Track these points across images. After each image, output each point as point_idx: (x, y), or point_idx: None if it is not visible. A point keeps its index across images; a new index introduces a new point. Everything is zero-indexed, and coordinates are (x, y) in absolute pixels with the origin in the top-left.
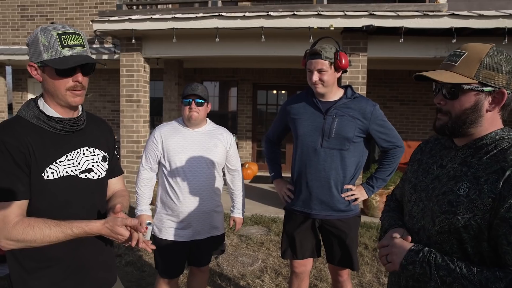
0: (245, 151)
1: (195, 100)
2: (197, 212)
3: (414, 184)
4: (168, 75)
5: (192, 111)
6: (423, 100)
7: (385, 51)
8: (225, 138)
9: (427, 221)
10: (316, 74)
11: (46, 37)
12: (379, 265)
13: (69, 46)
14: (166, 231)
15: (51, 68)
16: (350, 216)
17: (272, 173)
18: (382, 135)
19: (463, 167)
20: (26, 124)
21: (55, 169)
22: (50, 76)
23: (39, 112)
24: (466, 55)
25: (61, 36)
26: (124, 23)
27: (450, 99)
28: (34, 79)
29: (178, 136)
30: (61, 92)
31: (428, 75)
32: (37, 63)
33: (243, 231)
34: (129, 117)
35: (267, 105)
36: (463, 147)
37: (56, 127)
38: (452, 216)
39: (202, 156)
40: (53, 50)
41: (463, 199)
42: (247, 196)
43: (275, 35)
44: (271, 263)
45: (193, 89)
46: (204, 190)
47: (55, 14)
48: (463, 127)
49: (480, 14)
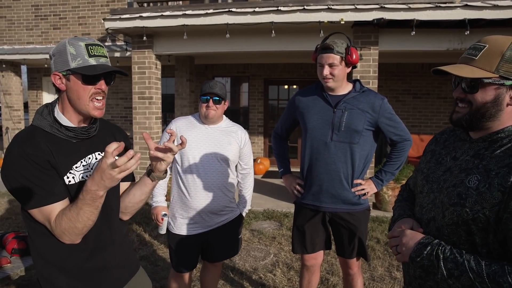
0: (257, 146)
1: (213, 98)
2: (209, 208)
3: (426, 175)
4: (180, 71)
5: (210, 109)
6: (436, 94)
7: (396, 44)
8: (239, 136)
9: (437, 213)
10: (327, 68)
11: (74, 47)
12: (391, 259)
13: (96, 56)
14: (179, 226)
15: (77, 75)
16: (360, 209)
17: (281, 168)
18: (391, 128)
19: (475, 160)
20: (42, 133)
21: (74, 174)
22: (75, 84)
23: (53, 121)
24: (486, 48)
25: (89, 46)
26: (135, 20)
27: (470, 93)
28: (49, 77)
29: (193, 130)
30: (84, 102)
31: (447, 69)
32: (62, 72)
33: (255, 226)
34: (141, 114)
35: (279, 100)
36: (478, 140)
37: (68, 135)
38: (460, 209)
39: (215, 152)
40: (81, 59)
41: (472, 191)
42: (260, 191)
43: (285, 30)
44: (283, 257)
45: (212, 87)
46: (216, 187)
47: (67, 13)
48: (481, 120)
49: (494, 5)
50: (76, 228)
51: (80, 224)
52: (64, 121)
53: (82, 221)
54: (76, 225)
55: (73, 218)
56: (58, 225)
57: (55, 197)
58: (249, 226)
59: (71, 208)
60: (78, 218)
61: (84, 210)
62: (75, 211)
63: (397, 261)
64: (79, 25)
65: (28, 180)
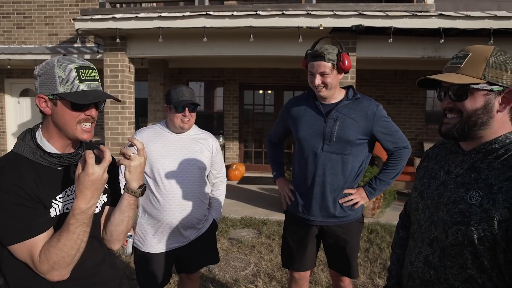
0: (232, 151)
1: (189, 106)
2: (185, 221)
3: (420, 191)
4: (153, 75)
5: (186, 119)
6: (408, 100)
7: (373, 51)
8: (210, 143)
9: (440, 232)
10: (318, 77)
11: (63, 70)
12: (373, 266)
13: (86, 80)
14: (150, 243)
15: (65, 101)
16: (351, 220)
17: (274, 172)
18: (387, 137)
19: (472, 173)
20: (24, 161)
21: (56, 206)
22: (62, 109)
23: (36, 147)
24: (470, 56)
25: (79, 69)
26: (108, 21)
27: (458, 101)
28: (12, 79)
29: (160, 140)
30: (71, 127)
31: (434, 77)
32: (48, 95)
33: (234, 234)
34: (113, 119)
35: (254, 105)
36: (471, 152)
37: (53, 162)
38: (465, 228)
39: (188, 162)
40: (70, 84)
41: (475, 208)
42: (236, 198)
43: (263, 34)
44: (263, 267)
45: (185, 94)
46: (192, 198)
47: (33, 11)
48: (473, 129)
49: (467, 15)
50: (68, 257)
51: (74, 250)
52: (48, 147)
53: (75, 246)
54: (70, 252)
55: (65, 247)
56: (45, 260)
57: (38, 228)
58: (227, 234)
59: (59, 238)
60: (70, 243)
61: (78, 233)
62: (65, 238)
63: None
64: (46, 24)
65: (7, 212)
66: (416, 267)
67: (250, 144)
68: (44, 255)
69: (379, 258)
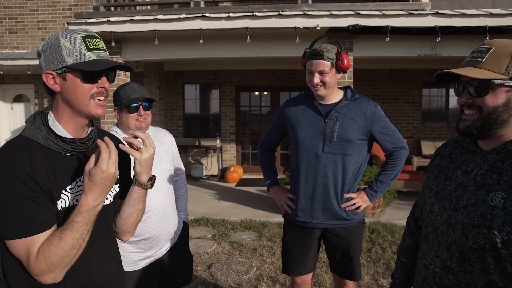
0: (229, 154)
1: (143, 104)
2: (163, 230)
3: (436, 192)
4: (148, 78)
5: (142, 118)
6: (404, 98)
7: (370, 50)
8: (169, 141)
9: (459, 235)
10: (317, 76)
11: (69, 40)
12: (376, 266)
13: (95, 49)
14: (131, 261)
15: (76, 73)
16: (354, 223)
17: (267, 180)
18: (386, 137)
19: (493, 174)
20: (35, 146)
21: (65, 197)
22: (73, 83)
23: (48, 131)
24: (493, 50)
25: (86, 39)
26: (103, 25)
27: (478, 97)
28: (5, 85)
29: None
30: (84, 101)
31: (455, 71)
32: (56, 70)
33: (234, 238)
34: (110, 123)
35: (251, 107)
36: (491, 152)
37: (65, 148)
38: (487, 231)
39: (156, 167)
40: (78, 54)
41: (498, 211)
42: (235, 200)
43: (260, 35)
44: (266, 270)
45: (136, 91)
46: (168, 204)
47: (25, 16)
48: (493, 127)
49: (462, 13)
50: (68, 257)
51: (74, 250)
52: (61, 131)
53: (77, 245)
54: (70, 253)
55: (66, 246)
56: (42, 260)
57: (41, 226)
58: (228, 238)
59: (62, 236)
60: (73, 243)
61: (82, 231)
62: (68, 237)
63: None
64: (39, 29)
65: (11, 205)
66: (432, 272)
67: (247, 146)
68: (42, 255)
69: (382, 258)
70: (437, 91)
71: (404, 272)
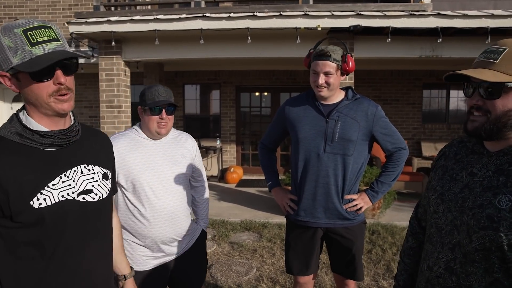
0: (229, 154)
1: (166, 108)
2: (173, 234)
3: (440, 193)
4: (149, 78)
5: (164, 123)
6: (405, 99)
7: (371, 51)
8: (190, 145)
9: (463, 237)
10: (322, 76)
11: (9, 38)
12: (376, 267)
13: (39, 43)
14: (140, 260)
15: (25, 73)
16: (356, 223)
17: (269, 181)
18: (387, 137)
19: (500, 176)
20: (7, 145)
21: (48, 194)
22: (26, 83)
23: (22, 128)
24: (508, 51)
25: (28, 32)
26: (103, 24)
27: (489, 99)
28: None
29: (139, 150)
30: (44, 100)
31: (466, 73)
32: (8, 71)
33: (234, 238)
34: (110, 123)
35: (251, 108)
36: (498, 154)
37: (43, 142)
38: (494, 233)
39: (171, 170)
40: (22, 52)
41: (505, 213)
42: (235, 201)
43: (261, 36)
44: (266, 271)
45: (161, 94)
46: (179, 209)
47: (25, 16)
48: (502, 130)
49: (464, 14)
50: None
51: None
52: (35, 125)
53: None
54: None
55: None
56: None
57: None
58: (228, 238)
59: None
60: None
61: None
62: None
63: None
64: None
65: None
66: (436, 273)
67: (248, 146)
68: None
69: (382, 259)
70: (438, 92)
71: (408, 273)
